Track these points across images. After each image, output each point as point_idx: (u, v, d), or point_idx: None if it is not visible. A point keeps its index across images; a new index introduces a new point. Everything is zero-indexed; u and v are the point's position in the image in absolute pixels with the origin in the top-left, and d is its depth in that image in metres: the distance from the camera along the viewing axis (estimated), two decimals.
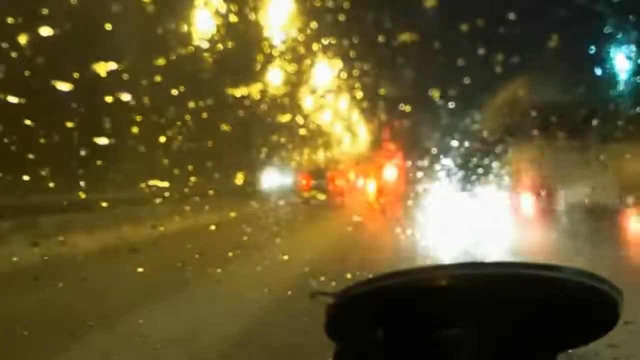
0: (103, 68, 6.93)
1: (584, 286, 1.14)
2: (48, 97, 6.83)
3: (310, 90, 11.18)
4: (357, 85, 9.59)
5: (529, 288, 1.14)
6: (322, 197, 10.62)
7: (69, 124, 7.09)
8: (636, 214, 7.30)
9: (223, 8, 8.70)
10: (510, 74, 8.74)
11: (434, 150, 9.29)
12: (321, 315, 1.22)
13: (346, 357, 1.27)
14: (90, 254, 5.98)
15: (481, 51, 7.15)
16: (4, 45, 6.52)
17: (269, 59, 9.84)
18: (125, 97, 7.33)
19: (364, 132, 12.85)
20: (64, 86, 6.77)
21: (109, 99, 7.19)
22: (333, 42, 9.35)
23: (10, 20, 6.52)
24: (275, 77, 10.17)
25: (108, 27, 7.22)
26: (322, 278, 4.75)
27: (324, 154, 13.16)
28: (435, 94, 8.04)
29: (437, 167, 8.92)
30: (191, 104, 8.49)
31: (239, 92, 9.39)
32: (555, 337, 1.20)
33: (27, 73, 6.69)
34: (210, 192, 9.53)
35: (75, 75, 6.90)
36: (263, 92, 9.81)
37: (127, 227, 7.40)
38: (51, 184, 6.93)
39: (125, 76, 7.29)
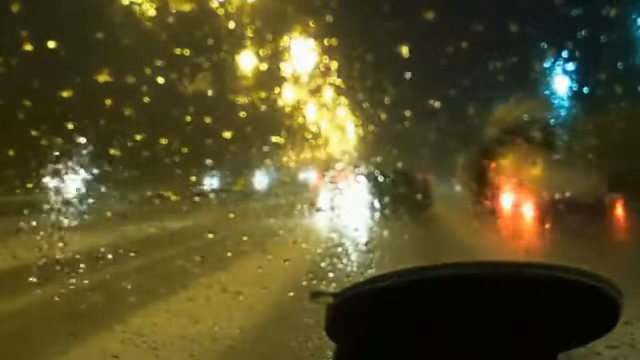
0: (103, 74, 6.95)
1: (584, 286, 1.14)
2: (50, 102, 6.88)
3: (309, 91, 11.17)
4: (358, 85, 9.57)
5: (529, 288, 1.14)
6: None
7: (70, 126, 7.11)
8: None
9: (221, 11, 8.71)
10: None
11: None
12: (321, 315, 1.22)
13: (346, 357, 1.27)
14: (90, 254, 5.98)
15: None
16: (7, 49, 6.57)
17: (267, 59, 9.83)
18: (125, 97, 7.36)
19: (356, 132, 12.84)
20: (65, 93, 6.83)
21: (108, 101, 7.20)
22: (332, 43, 9.32)
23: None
24: (274, 78, 10.18)
25: (103, 35, 7.24)
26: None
27: (323, 154, 13.16)
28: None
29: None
30: (191, 106, 8.50)
31: (239, 93, 9.40)
32: (555, 337, 1.20)
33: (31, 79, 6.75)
34: (211, 194, 9.54)
35: (77, 80, 6.95)
36: (262, 93, 9.81)
37: (127, 227, 7.41)
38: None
39: (125, 80, 7.31)
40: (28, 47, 6.58)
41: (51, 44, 6.74)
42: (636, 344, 2.79)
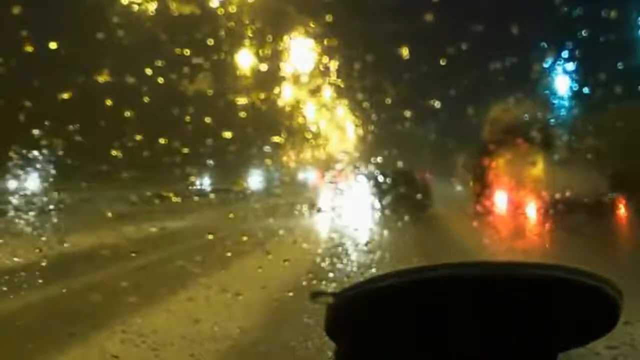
0: (103, 74, 6.97)
1: (584, 286, 1.13)
2: (50, 102, 6.91)
3: (309, 91, 11.18)
4: (356, 85, 9.57)
5: (529, 288, 1.14)
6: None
7: (70, 127, 7.12)
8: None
9: (221, 11, 8.72)
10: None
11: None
12: (321, 315, 1.22)
13: (346, 357, 1.27)
14: (90, 254, 5.98)
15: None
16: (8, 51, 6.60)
17: (267, 59, 9.84)
18: (125, 99, 7.37)
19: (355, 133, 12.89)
20: (66, 93, 6.87)
21: (108, 101, 7.22)
22: (332, 43, 9.33)
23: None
24: (274, 78, 10.18)
25: (103, 35, 7.25)
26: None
27: (323, 154, 13.18)
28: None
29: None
30: (191, 106, 8.51)
31: (239, 93, 9.41)
32: (555, 337, 1.20)
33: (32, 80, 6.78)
34: (211, 194, 9.56)
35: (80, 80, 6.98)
36: (262, 93, 9.82)
37: (127, 227, 7.40)
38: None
39: (125, 80, 7.32)
40: (28, 47, 6.59)
41: (51, 44, 6.75)
42: (636, 344, 2.79)
